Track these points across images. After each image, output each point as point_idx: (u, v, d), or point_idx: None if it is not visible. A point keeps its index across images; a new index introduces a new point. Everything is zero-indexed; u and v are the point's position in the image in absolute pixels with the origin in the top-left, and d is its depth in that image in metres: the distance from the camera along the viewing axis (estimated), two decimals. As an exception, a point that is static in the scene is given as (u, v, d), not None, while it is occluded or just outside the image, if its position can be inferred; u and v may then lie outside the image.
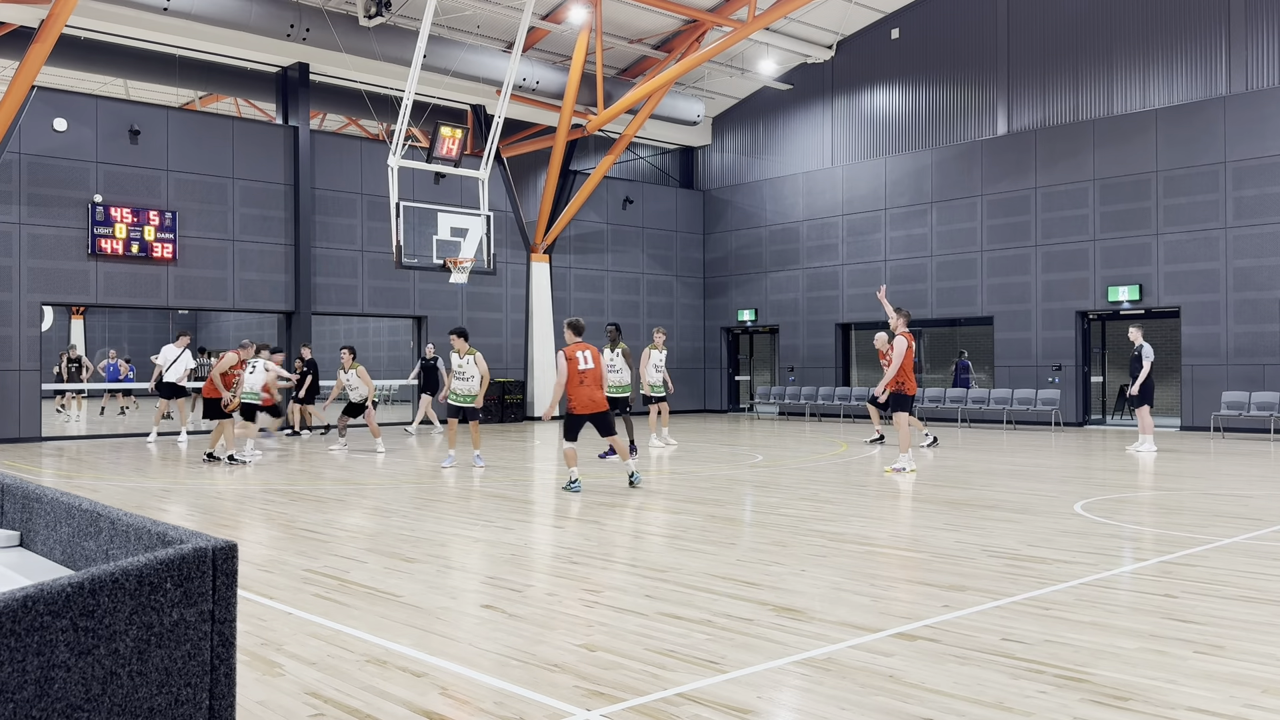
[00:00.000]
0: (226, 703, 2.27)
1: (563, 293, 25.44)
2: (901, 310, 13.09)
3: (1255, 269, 18.81)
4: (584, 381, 10.76)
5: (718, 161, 28.38)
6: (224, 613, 2.27)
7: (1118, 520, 8.69)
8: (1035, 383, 21.55)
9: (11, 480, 3.52)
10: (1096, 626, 5.14)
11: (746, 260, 27.23)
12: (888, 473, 12.39)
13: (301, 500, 10.20)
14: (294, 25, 19.46)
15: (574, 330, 11.06)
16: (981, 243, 22.44)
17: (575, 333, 11.04)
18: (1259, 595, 5.84)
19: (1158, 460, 14.13)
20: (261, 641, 4.94)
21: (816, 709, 3.98)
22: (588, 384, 10.78)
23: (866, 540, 7.75)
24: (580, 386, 10.75)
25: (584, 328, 11.17)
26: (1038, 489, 10.84)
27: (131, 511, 3.49)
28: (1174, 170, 19.79)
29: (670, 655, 4.67)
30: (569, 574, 6.54)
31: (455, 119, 23.37)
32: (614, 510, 9.42)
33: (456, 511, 9.47)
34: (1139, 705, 3.98)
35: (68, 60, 20.06)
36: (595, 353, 10.98)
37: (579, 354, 10.84)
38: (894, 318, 12.99)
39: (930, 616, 5.36)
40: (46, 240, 18.06)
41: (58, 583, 2.00)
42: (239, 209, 20.24)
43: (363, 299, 21.87)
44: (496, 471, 12.94)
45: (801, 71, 25.88)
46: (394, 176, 18.16)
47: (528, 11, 18.91)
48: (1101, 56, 21.06)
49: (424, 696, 4.13)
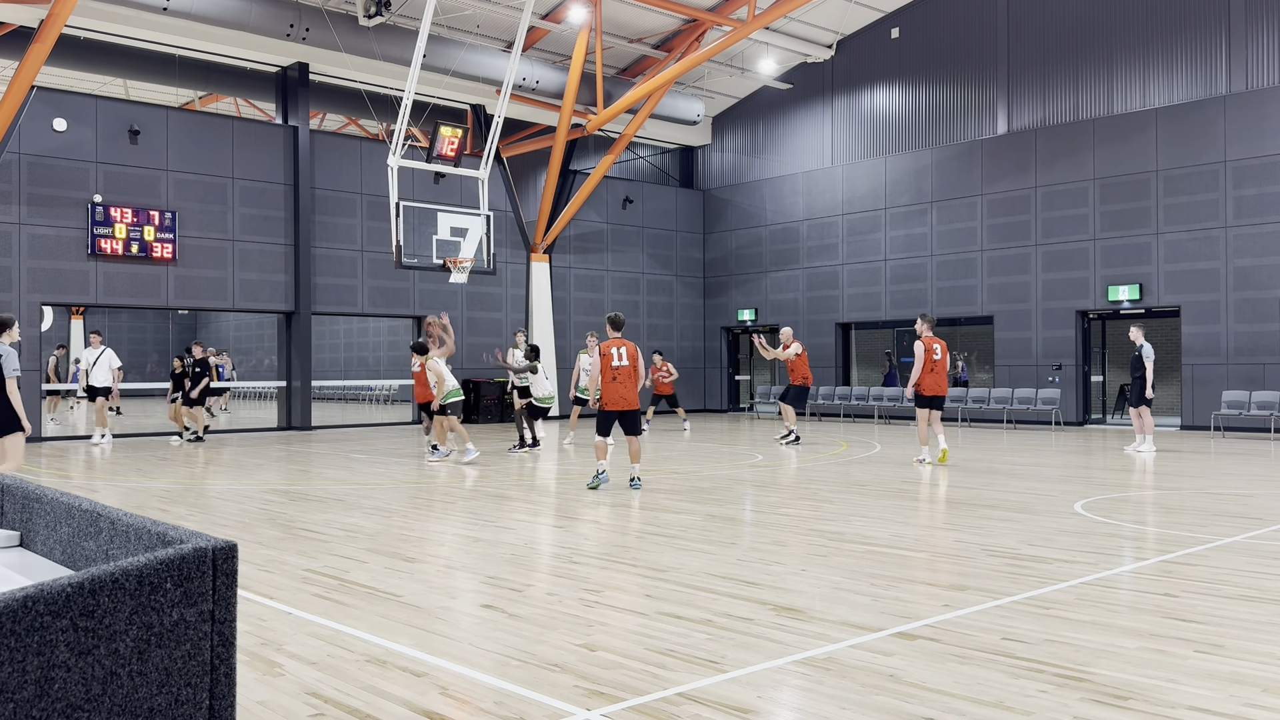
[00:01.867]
0: (226, 703, 2.27)
1: (563, 292, 25.44)
2: (926, 316, 13.60)
3: (1255, 268, 18.81)
4: (616, 378, 10.72)
5: (718, 161, 28.38)
6: (224, 613, 2.27)
7: (1118, 520, 8.69)
8: (1035, 382, 21.55)
9: (11, 480, 3.52)
10: (1097, 626, 5.14)
11: (746, 260, 27.23)
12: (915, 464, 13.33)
13: (301, 500, 10.20)
14: (294, 25, 19.46)
15: (613, 325, 11.04)
16: (981, 242, 22.43)
17: (614, 328, 11.02)
18: (1259, 594, 5.84)
19: (1158, 460, 14.13)
20: (261, 641, 4.94)
21: (817, 708, 3.98)
22: (620, 380, 10.72)
23: (866, 540, 7.75)
24: (612, 383, 10.70)
25: (623, 323, 11.13)
26: (1038, 488, 10.84)
27: (131, 511, 3.48)
28: (1174, 169, 19.79)
29: (670, 655, 4.67)
30: (569, 574, 6.53)
31: (455, 119, 23.36)
32: (614, 510, 9.42)
33: (456, 511, 9.47)
34: (1139, 705, 3.98)
35: (68, 60, 20.06)
36: (633, 350, 10.87)
37: (613, 350, 10.81)
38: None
39: (930, 616, 5.36)
40: (46, 240, 18.06)
41: (58, 583, 2.00)
42: (239, 209, 20.24)
43: (363, 299, 21.87)
44: (496, 471, 12.94)
45: (801, 71, 25.88)
46: (394, 176, 18.16)
47: (527, 11, 18.90)
48: (1101, 56, 21.06)
49: (424, 696, 4.13)
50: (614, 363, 10.67)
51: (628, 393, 10.69)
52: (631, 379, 10.71)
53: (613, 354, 10.71)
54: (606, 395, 10.72)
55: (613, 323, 11.02)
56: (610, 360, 10.68)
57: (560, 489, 11.10)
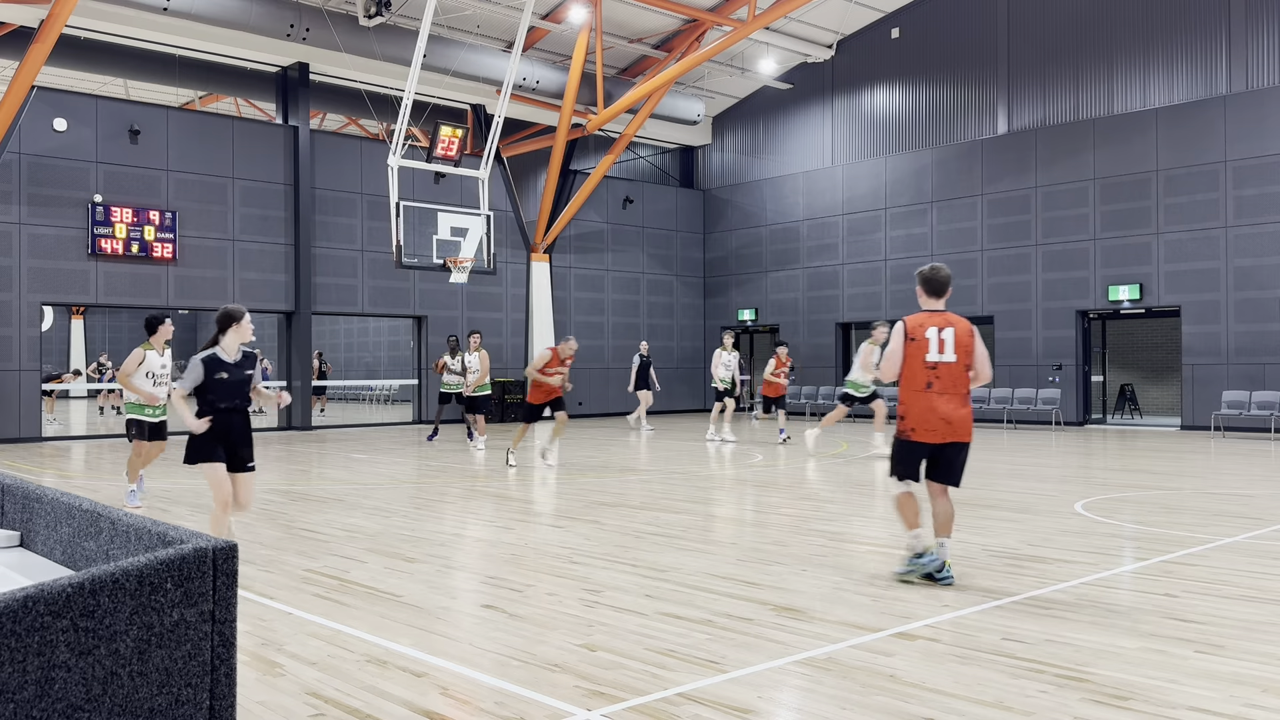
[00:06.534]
0: (227, 703, 2.27)
1: (563, 292, 25.44)
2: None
3: (1256, 268, 18.81)
4: (933, 383, 6.07)
5: (718, 161, 28.37)
6: (224, 613, 2.27)
7: (1118, 520, 8.69)
8: (1035, 382, 21.55)
9: (11, 480, 3.52)
10: (1097, 626, 5.14)
11: (746, 260, 27.23)
12: None
13: (302, 500, 10.20)
14: (294, 25, 19.46)
15: (932, 288, 6.29)
16: (982, 242, 22.43)
17: (934, 292, 6.30)
18: (1260, 595, 5.83)
19: (1158, 460, 14.13)
20: (261, 641, 4.94)
21: (817, 709, 3.98)
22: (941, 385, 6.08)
23: (866, 540, 7.75)
24: (925, 392, 6.05)
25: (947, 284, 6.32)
26: (1038, 488, 10.84)
27: (131, 512, 3.48)
28: (1174, 169, 19.79)
29: (670, 655, 4.67)
30: (569, 574, 6.53)
31: (455, 119, 23.35)
32: (614, 510, 9.42)
33: (456, 511, 9.47)
34: (1139, 705, 3.98)
35: (68, 60, 20.05)
36: (965, 331, 6.15)
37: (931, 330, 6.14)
38: None
39: (930, 616, 5.36)
40: (46, 240, 18.06)
41: (58, 583, 2.00)
42: (239, 209, 20.24)
43: (363, 299, 21.87)
44: (497, 470, 12.94)
45: (801, 71, 25.87)
46: (394, 176, 18.15)
47: (528, 11, 18.90)
48: (1101, 56, 21.06)
49: (424, 696, 4.13)
50: (930, 354, 6.05)
51: (952, 410, 6.02)
52: (958, 382, 6.07)
53: (929, 338, 6.08)
54: (919, 412, 6.04)
55: (931, 282, 6.27)
56: (925, 349, 6.06)
57: (560, 489, 11.09)
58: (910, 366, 6.09)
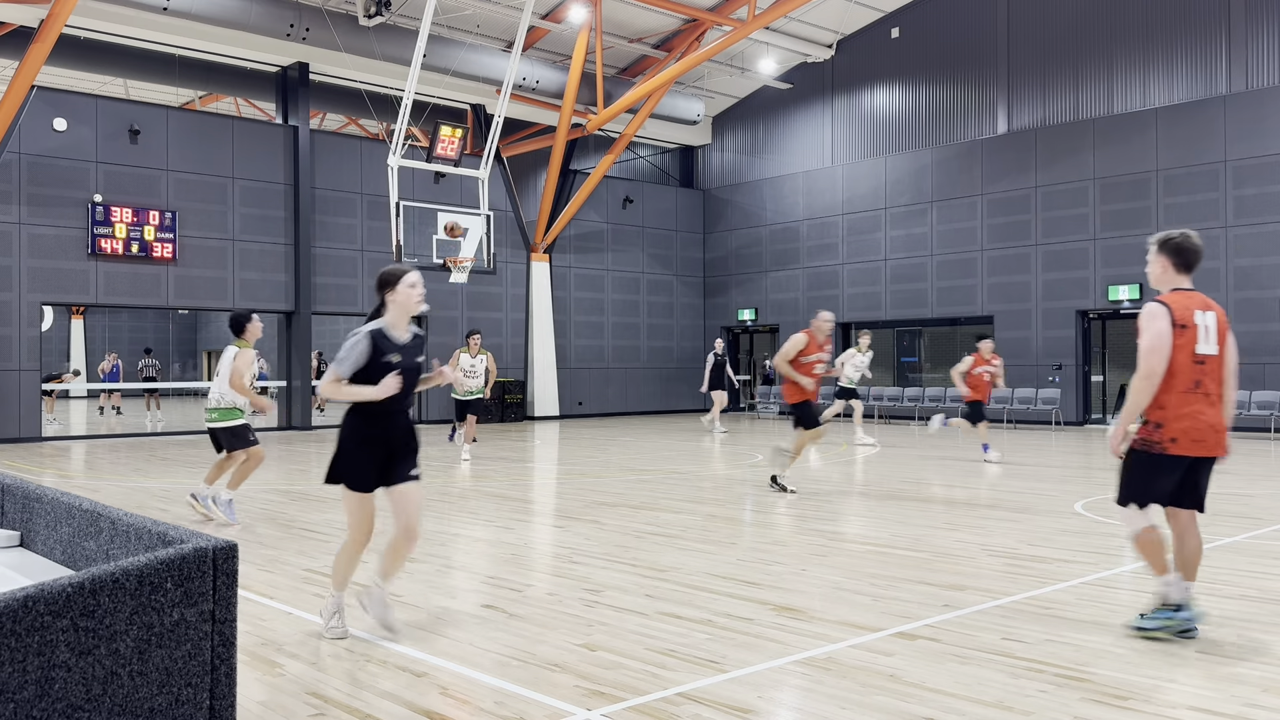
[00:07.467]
0: (227, 703, 2.27)
1: (563, 292, 25.44)
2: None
3: (1256, 268, 18.81)
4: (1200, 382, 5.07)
5: (718, 161, 28.37)
6: (224, 613, 2.27)
7: (1118, 519, 8.68)
8: (1035, 382, 21.55)
9: (12, 480, 3.52)
10: (1097, 626, 5.14)
11: (746, 260, 27.23)
12: None
13: (301, 500, 10.20)
14: (294, 25, 19.46)
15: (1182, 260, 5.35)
16: (982, 242, 22.43)
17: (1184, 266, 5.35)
18: (1259, 594, 5.84)
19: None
20: (261, 641, 4.94)
21: (817, 708, 3.98)
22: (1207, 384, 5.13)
23: (866, 540, 7.75)
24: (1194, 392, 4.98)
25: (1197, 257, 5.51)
26: (1038, 488, 10.84)
27: (132, 512, 3.48)
28: (1174, 169, 19.79)
29: (670, 655, 4.67)
30: (569, 574, 6.53)
31: (455, 118, 23.35)
32: (614, 510, 9.42)
33: (456, 511, 9.47)
34: (1139, 705, 3.98)
35: (68, 60, 20.06)
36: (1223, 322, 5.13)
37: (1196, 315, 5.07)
38: None
39: (930, 616, 5.36)
40: (46, 240, 18.06)
41: (58, 583, 2.00)
42: (239, 209, 20.24)
43: (363, 298, 21.86)
44: (496, 471, 12.94)
45: (801, 71, 25.87)
46: (394, 176, 18.15)
47: (528, 11, 18.90)
48: (1101, 56, 21.06)
49: (424, 696, 4.13)
50: (1200, 345, 4.97)
51: (1217, 415, 4.99)
52: (1221, 380, 5.06)
53: (1199, 324, 5.01)
54: (1186, 418, 4.92)
55: (1184, 252, 5.32)
56: (1195, 339, 4.97)
57: (560, 489, 11.08)
58: (1177, 361, 4.87)
